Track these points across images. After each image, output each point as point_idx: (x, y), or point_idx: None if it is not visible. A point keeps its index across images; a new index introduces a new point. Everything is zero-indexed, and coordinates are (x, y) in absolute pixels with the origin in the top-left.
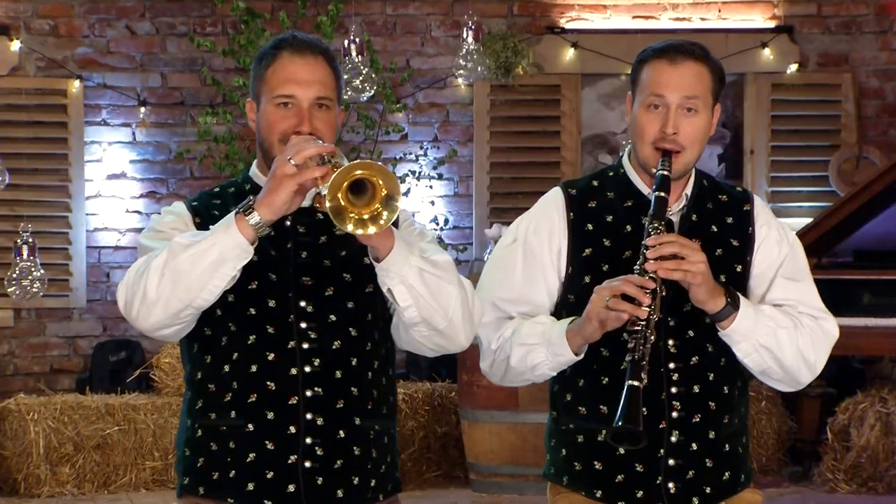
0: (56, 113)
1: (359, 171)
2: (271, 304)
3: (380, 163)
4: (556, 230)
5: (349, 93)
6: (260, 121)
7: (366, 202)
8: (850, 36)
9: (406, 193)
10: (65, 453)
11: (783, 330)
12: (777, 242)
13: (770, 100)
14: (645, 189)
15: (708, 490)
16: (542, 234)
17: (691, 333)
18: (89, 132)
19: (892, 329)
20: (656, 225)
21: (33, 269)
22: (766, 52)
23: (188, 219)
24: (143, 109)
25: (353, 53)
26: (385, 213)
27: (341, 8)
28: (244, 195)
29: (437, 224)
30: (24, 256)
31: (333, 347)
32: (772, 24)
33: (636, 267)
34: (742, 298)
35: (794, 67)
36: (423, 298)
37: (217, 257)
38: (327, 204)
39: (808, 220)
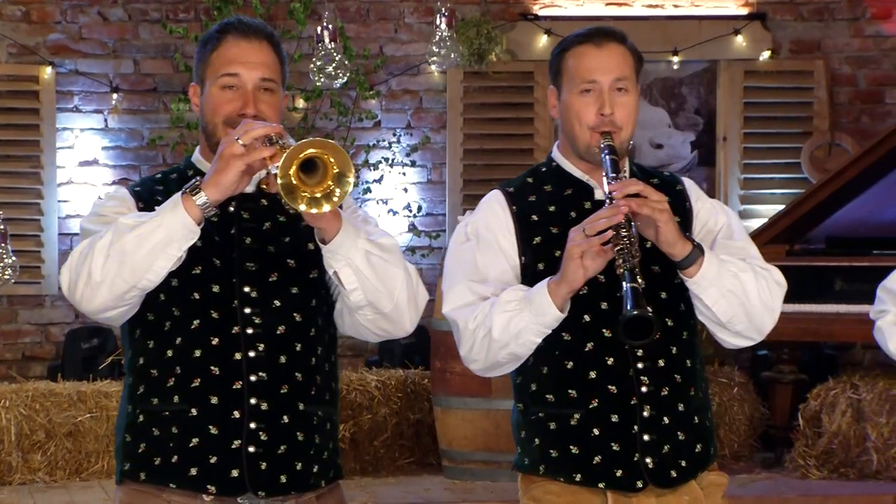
0: (28, 99)
1: (311, 150)
2: (215, 289)
3: (332, 141)
4: (503, 223)
5: (322, 79)
6: (204, 104)
7: (318, 180)
8: (822, 23)
9: (379, 180)
10: (36, 440)
11: (745, 274)
12: (712, 213)
13: (743, 87)
14: (582, 176)
15: (683, 463)
16: (492, 228)
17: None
18: (61, 119)
19: (864, 315)
20: (614, 176)
21: (5, 257)
22: (739, 38)
23: (131, 203)
24: (115, 96)
25: (327, 40)
26: (338, 191)
27: None
28: (186, 180)
29: (411, 211)
30: None
31: (278, 332)
32: (744, 11)
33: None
34: (706, 246)
35: (766, 54)
36: (370, 281)
37: (163, 237)
38: (279, 182)
39: (781, 207)
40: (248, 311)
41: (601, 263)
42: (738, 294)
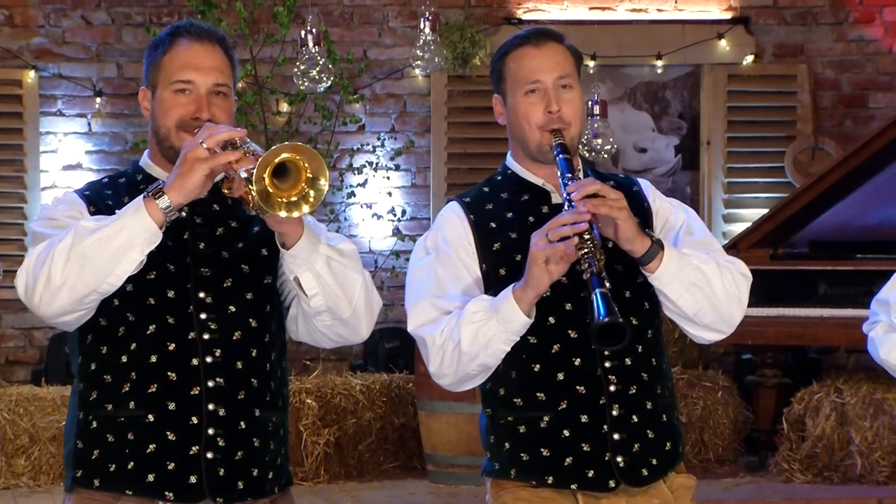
0: (11, 103)
1: (285, 154)
2: (170, 294)
3: (305, 145)
4: (461, 234)
5: (306, 83)
6: (155, 108)
7: (291, 185)
8: (805, 27)
9: (363, 184)
10: (20, 445)
11: (707, 266)
12: (672, 211)
13: (726, 91)
14: (537, 181)
15: (654, 461)
16: (450, 240)
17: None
18: (44, 123)
19: (848, 319)
20: (570, 176)
21: None
22: (723, 43)
23: (83, 207)
24: (98, 100)
25: (311, 44)
26: (312, 194)
27: None
28: (135, 185)
29: (395, 215)
30: None
31: (234, 338)
32: (728, 16)
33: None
34: (665, 240)
35: (750, 58)
36: (330, 287)
37: (126, 241)
38: (254, 188)
39: (764, 211)
40: (203, 316)
41: (565, 267)
42: (702, 286)
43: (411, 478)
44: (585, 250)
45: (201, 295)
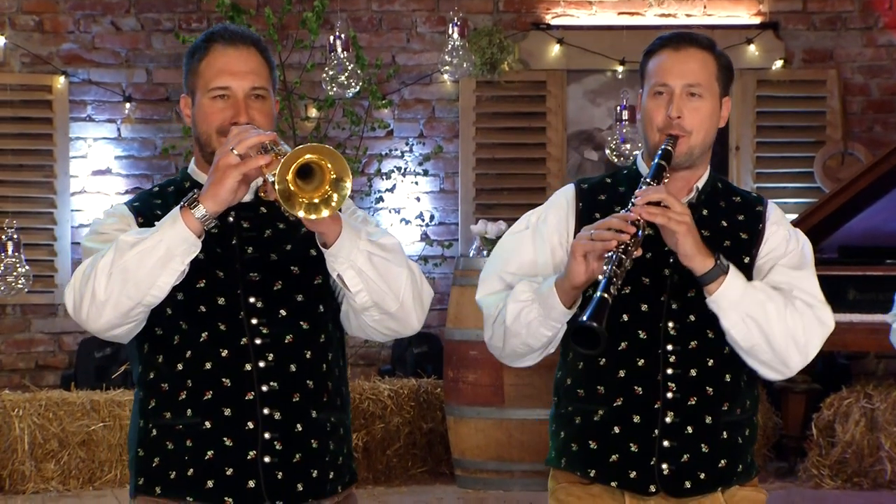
0: (41, 109)
1: (308, 155)
2: (221, 301)
3: (328, 146)
4: (563, 218)
5: (334, 89)
6: (196, 115)
7: (315, 186)
8: (835, 32)
9: (392, 189)
10: (50, 449)
11: (772, 303)
12: (785, 239)
13: (755, 96)
14: None
15: (702, 476)
16: (551, 222)
17: (692, 318)
18: (74, 128)
19: (877, 325)
20: (650, 181)
21: (18, 266)
22: (752, 48)
23: (131, 220)
24: (128, 105)
25: (339, 49)
26: (335, 196)
27: (327, 4)
28: (184, 193)
29: (423, 220)
30: (9, 252)
31: (286, 342)
32: (757, 21)
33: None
34: (733, 268)
35: (779, 63)
36: (373, 282)
37: (165, 253)
38: (276, 188)
39: (794, 217)
40: (254, 321)
41: (601, 266)
42: (760, 322)
43: (439, 483)
44: (612, 252)
45: (251, 300)
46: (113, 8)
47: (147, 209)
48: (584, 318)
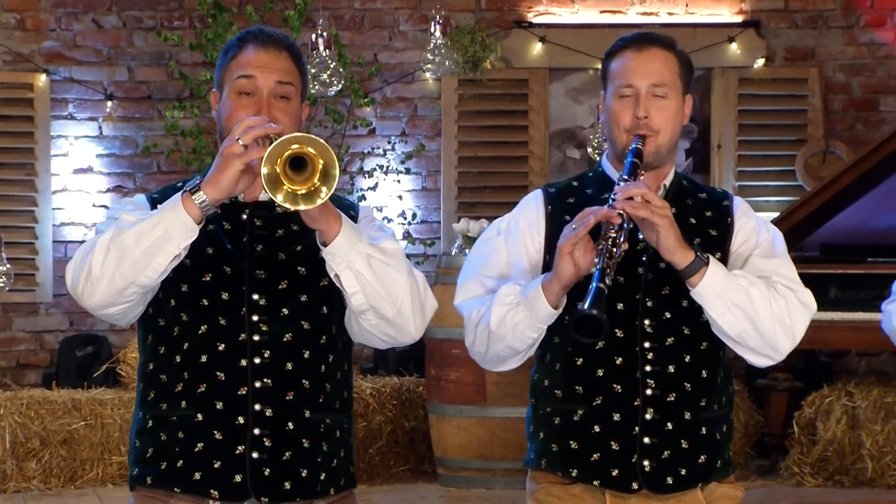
0: (22, 107)
1: (296, 144)
2: (224, 296)
3: (317, 137)
4: (534, 222)
5: (317, 87)
6: (220, 110)
7: (305, 177)
8: (816, 30)
9: (374, 188)
10: (31, 448)
11: (756, 289)
12: (755, 230)
13: (737, 94)
14: None
15: (683, 472)
16: (522, 226)
17: (668, 315)
18: (55, 126)
19: (859, 323)
20: (626, 178)
21: None
22: (734, 46)
23: (147, 209)
24: (109, 103)
25: (321, 48)
26: (324, 189)
27: (309, 2)
28: None
29: (405, 218)
30: None
31: (284, 340)
32: (739, 19)
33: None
34: (713, 258)
35: (761, 62)
36: (371, 285)
37: (162, 234)
38: (263, 171)
39: (775, 215)
40: (255, 318)
41: (590, 259)
42: (745, 308)
43: (422, 481)
44: (602, 244)
45: (255, 297)
46: (95, 6)
47: (165, 200)
48: (585, 306)
